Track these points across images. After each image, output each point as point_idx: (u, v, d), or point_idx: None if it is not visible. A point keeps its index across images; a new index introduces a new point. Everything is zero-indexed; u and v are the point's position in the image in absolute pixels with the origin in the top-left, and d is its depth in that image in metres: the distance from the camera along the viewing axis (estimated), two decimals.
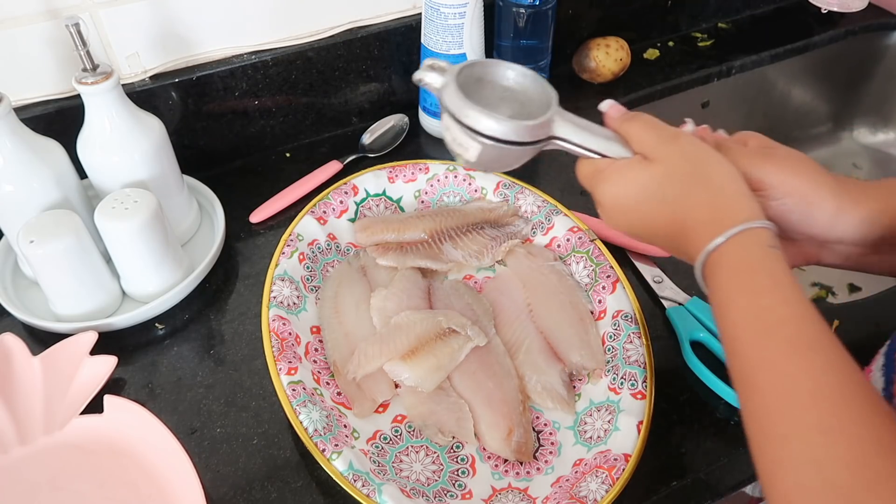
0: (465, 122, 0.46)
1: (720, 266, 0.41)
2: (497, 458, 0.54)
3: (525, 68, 0.51)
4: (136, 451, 0.54)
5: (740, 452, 0.54)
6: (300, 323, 0.59)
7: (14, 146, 0.59)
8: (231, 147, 0.81)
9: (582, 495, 0.48)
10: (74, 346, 0.59)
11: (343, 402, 0.56)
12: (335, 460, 0.50)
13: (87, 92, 0.59)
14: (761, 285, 0.39)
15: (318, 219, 0.66)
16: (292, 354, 0.56)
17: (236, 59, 0.76)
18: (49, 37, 0.67)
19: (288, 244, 0.63)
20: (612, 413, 0.54)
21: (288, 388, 0.53)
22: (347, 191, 0.69)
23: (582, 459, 0.52)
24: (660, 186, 0.45)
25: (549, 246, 0.68)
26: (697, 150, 0.45)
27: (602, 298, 0.62)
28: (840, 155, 1.10)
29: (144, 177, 0.64)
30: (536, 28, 0.81)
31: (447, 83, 0.48)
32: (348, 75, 0.82)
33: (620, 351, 0.58)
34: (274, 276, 0.60)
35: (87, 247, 0.60)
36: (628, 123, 0.48)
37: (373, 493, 0.48)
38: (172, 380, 0.60)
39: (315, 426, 0.51)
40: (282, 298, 0.59)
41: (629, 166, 0.46)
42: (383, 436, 0.55)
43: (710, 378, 0.57)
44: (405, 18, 0.82)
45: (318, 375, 0.57)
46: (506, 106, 0.51)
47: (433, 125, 0.83)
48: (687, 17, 1.02)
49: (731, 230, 0.41)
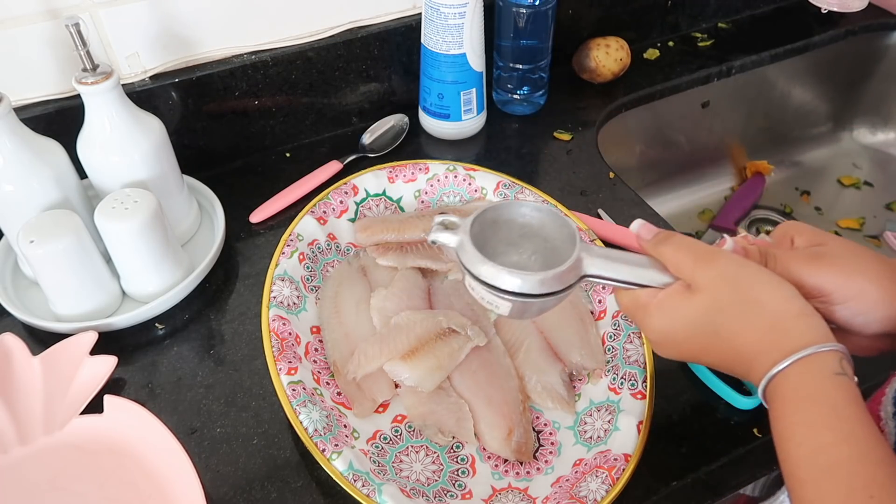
0: (489, 282, 0.44)
1: (780, 395, 0.38)
2: (497, 458, 0.54)
3: (537, 203, 0.49)
4: (136, 451, 0.54)
5: (740, 452, 0.54)
6: (300, 323, 0.59)
7: (14, 146, 0.59)
8: (231, 147, 0.81)
9: (582, 495, 0.48)
10: (74, 346, 0.59)
11: (343, 402, 0.56)
12: (335, 460, 0.50)
13: (87, 92, 0.59)
14: (822, 419, 0.36)
15: (319, 219, 0.66)
16: (292, 354, 0.56)
17: (236, 59, 0.76)
18: (49, 37, 0.67)
19: (288, 244, 0.63)
20: (612, 413, 0.54)
21: (288, 389, 0.53)
22: (347, 191, 0.69)
23: (582, 459, 0.52)
24: (710, 319, 0.42)
25: None
26: (740, 271, 0.42)
27: (602, 298, 0.62)
28: (840, 155, 1.10)
29: (144, 177, 0.64)
30: (536, 28, 0.81)
31: (462, 242, 0.45)
32: (348, 75, 0.82)
33: (620, 351, 0.58)
34: (274, 275, 0.60)
35: (87, 247, 0.60)
36: (662, 246, 0.45)
37: (373, 493, 0.48)
38: (172, 380, 0.60)
39: (315, 426, 0.51)
40: (282, 298, 0.59)
41: (671, 299, 0.43)
42: (383, 436, 0.55)
43: (710, 379, 0.57)
44: (405, 18, 0.82)
45: (318, 375, 0.57)
46: (528, 242, 0.49)
47: (433, 125, 0.83)
48: (687, 17, 1.02)
49: (794, 356, 0.38)
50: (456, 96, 0.79)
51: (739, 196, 1.00)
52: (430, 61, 0.78)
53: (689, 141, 1.02)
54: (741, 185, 1.03)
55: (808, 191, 1.02)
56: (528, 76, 0.85)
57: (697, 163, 1.04)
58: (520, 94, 0.86)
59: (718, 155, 1.05)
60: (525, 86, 0.86)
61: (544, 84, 0.87)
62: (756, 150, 1.06)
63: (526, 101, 0.87)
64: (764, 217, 0.97)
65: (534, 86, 0.86)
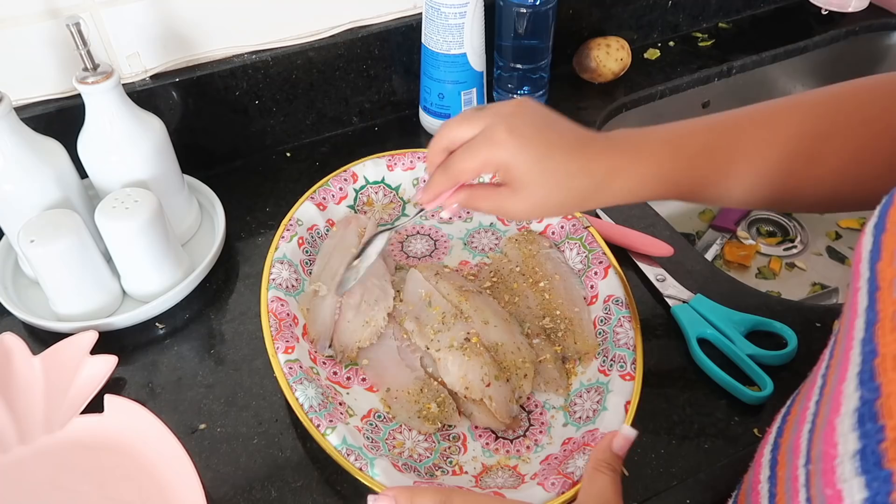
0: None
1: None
2: (488, 436, 0.56)
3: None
4: (136, 450, 0.54)
5: (740, 453, 0.54)
6: (298, 304, 0.61)
7: (14, 146, 0.59)
8: (231, 147, 0.81)
9: (569, 471, 0.49)
10: (75, 346, 0.59)
11: (339, 382, 0.58)
12: (329, 435, 0.51)
13: (88, 91, 0.59)
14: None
15: (318, 205, 0.68)
16: (290, 334, 0.57)
17: (237, 59, 0.76)
18: (50, 36, 0.67)
19: (288, 228, 0.65)
20: (602, 394, 0.55)
21: (285, 367, 0.54)
22: (347, 178, 0.71)
23: (571, 438, 0.54)
24: (540, 132, 0.48)
25: (543, 233, 0.69)
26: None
27: (594, 284, 0.63)
28: None
29: (145, 176, 0.64)
30: (536, 28, 0.81)
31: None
32: (349, 75, 0.82)
33: (611, 334, 0.59)
34: (273, 258, 0.62)
35: (87, 246, 0.60)
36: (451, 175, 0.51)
37: (365, 467, 0.49)
38: (173, 379, 0.60)
39: (310, 402, 0.52)
40: (280, 280, 0.61)
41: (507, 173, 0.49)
42: (377, 414, 0.56)
43: (718, 374, 0.57)
44: (405, 18, 0.82)
45: (315, 355, 0.58)
46: None
47: (434, 125, 0.83)
48: (687, 17, 1.02)
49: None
50: (456, 96, 0.79)
51: None
52: (430, 61, 0.78)
53: None
54: None
55: None
56: (529, 76, 0.85)
57: None
58: (520, 93, 0.86)
59: None
60: (525, 86, 0.86)
61: (544, 84, 0.87)
62: None
63: None
64: (764, 217, 0.97)
65: (534, 86, 0.86)
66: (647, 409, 0.54)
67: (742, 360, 0.58)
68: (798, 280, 0.89)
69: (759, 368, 0.57)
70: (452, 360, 0.57)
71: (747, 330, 0.61)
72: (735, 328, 0.60)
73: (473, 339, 0.58)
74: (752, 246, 0.92)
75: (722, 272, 0.69)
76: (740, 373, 0.58)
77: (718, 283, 0.67)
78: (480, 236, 0.71)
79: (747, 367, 0.58)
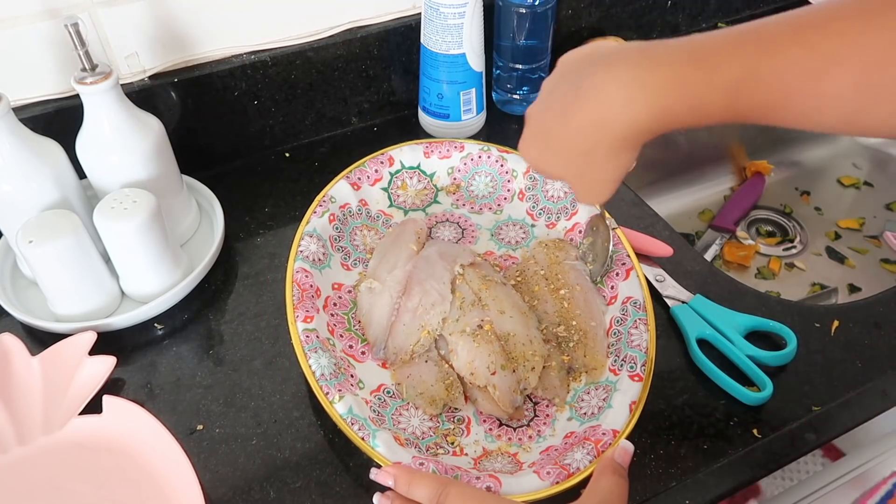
0: None
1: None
2: (492, 422, 0.56)
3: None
4: (135, 451, 0.54)
5: (740, 453, 0.54)
6: (322, 278, 0.62)
7: (13, 146, 0.58)
8: (230, 147, 0.81)
9: (566, 463, 0.50)
10: (73, 347, 0.59)
11: (353, 355, 0.59)
12: (336, 403, 0.52)
13: (87, 92, 0.59)
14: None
15: (353, 184, 0.69)
16: (311, 305, 0.58)
17: (236, 59, 0.76)
18: (48, 37, 0.67)
19: (321, 204, 0.66)
20: (609, 392, 0.55)
21: (302, 335, 0.55)
22: (384, 161, 0.71)
23: (573, 433, 0.54)
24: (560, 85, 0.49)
25: (570, 231, 0.69)
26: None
27: (615, 284, 0.63)
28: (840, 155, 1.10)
29: (143, 177, 0.64)
30: (536, 28, 0.81)
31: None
32: (348, 75, 0.82)
33: (625, 335, 0.58)
34: (304, 231, 0.63)
35: (86, 247, 0.60)
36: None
37: (367, 437, 0.50)
38: (171, 380, 0.60)
39: (322, 371, 0.53)
40: (308, 253, 0.62)
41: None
42: (387, 389, 0.57)
43: (718, 375, 0.57)
44: (405, 18, 0.82)
45: (333, 328, 0.59)
46: None
47: (433, 125, 0.83)
48: (686, 16, 1.02)
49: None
50: (455, 96, 0.79)
51: (739, 196, 1.00)
52: (429, 61, 0.78)
53: (688, 141, 1.02)
54: (741, 185, 1.03)
55: (808, 191, 1.02)
56: (528, 76, 0.85)
57: (697, 163, 1.04)
58: (519, 93, 0.86)
59: (718, 155, 1.05)
60: (525, 86, 0.86)
61: None
62: (756, 150, 1.06)
63: (526, 101, 0.87)
64: (764, 217, 0.97)
65: (533, 86, 0.86)
66: (646, 410, 0.54)
67: (741, 361, 0.58)
68: (798, 280, 0.89)
69: (759, 369, 0.57)
70: (462, 345, 0.58)
71: (747, 330, 0.61)
72: (734, 329, 0.60)
73: (486, 327, 0.58)
74: (752, 246, 0.92)
75: (721, 272, 0.69)
76: (740, 373, 0.58)
77: (718, 283, 0.67)
78: (508, 229, 0.71)
79: (747, 367, 0.58)
